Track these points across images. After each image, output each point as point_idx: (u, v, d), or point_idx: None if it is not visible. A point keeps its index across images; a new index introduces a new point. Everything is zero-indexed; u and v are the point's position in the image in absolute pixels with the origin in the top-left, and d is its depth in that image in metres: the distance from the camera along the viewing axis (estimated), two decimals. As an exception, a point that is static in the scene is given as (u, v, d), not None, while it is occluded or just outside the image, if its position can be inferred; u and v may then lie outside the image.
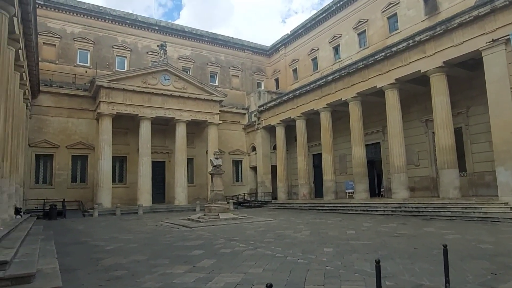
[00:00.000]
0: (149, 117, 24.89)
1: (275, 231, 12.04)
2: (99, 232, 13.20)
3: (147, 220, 17.95)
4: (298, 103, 24.66)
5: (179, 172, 25.51)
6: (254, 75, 33.88)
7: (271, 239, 10.08)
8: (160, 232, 12.89)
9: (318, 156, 25.96)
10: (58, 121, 24.60)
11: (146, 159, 24.52)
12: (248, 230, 12.43)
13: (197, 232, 12.43)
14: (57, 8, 26.10)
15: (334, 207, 20.22)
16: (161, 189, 27.44)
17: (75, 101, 25.12)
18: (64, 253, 8.60)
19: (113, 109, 23.85)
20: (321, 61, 28.73)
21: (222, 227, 13.72)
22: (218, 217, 15.40)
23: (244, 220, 15.41)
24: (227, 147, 30.44)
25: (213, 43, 32.03)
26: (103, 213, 21.57)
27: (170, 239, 10.74)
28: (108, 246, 9.65)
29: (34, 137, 23.63)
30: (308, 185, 24.77)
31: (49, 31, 25.58)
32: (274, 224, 14.28)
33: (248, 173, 31.11)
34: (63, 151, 24.49)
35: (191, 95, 26.45)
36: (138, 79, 24.94)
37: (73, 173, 25.01)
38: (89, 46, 26.89)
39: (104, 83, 23.53)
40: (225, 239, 10.44)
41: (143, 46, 29.02)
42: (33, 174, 23.66)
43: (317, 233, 11.11)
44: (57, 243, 10.43)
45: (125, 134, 26.31)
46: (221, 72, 32.18)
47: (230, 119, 30.79)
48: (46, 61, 25.27)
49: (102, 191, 22.90)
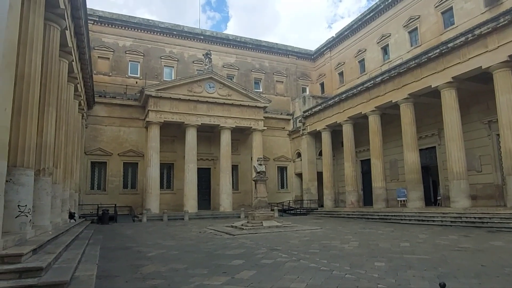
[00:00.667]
0: (195, 124, 25.29)
1: (321, 241, 11.39)
2: (144, 238, 13.38)
3: (192, 227, 18.03)
4: (345, 107, 23.71)
5: (224, 179, 25.57)
6: (298, 80, 33.35)
7: (316, 250, 9.48)
8: (203, 239, 12.76)
9: (366, 162, 24.73)
10: (111, 130, 25.82)
11: (192, 166, 24.86)
12: (292, 239, 11.89)
13: (239, 240, 12.12)
14: (110, 23, 27.57)
15: (385, 216, 19.00)
16: (206, 196, 27.69)
17: (126, 110, 26.24)
18: (108, 259, 8.68)
19: (161, 117, 24.53)
20: (369, 62, 27.51)
21: (265, 235, 13.31)
22: (261, 225, 15.02)
23: (288, 228, 14.86)
24: (272, 154, 30.09)
25: (257, 50, 32.03)
26: (151, 219, 22.11)
27: (211, 247, 10.52)
28: (150, 253, 9.63)
29: (89, 146, 24.98)
30: (356, 192, 23.62)
31: (103, 45, 27.06)
32: (319, 233, 13.59)
33: (293, 179, 30.47)
34: (115, 158, 25.62)
35: (235, 102, 26.52)
36: (184, 88, 25.49)
37: (125, 179, 26.06)
38: (139, 58, 28.05)
39: (152, 93, 24.32)
40: (267, 248, 10.01)
41: (189, 56, 29.74)
42: (88, 181, 24.97)
43: (367, 245, 10.30)
44: (104, 248, 10.67)
45: (172, 142, 26.97)
46: (265, 78, 32.04)
47: (274, 125, 30.46)
48: (101, 74, 26.71)
49: (150, 197, 23.54)
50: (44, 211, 9.51)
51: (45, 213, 9.55)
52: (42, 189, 9.51)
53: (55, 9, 10.22)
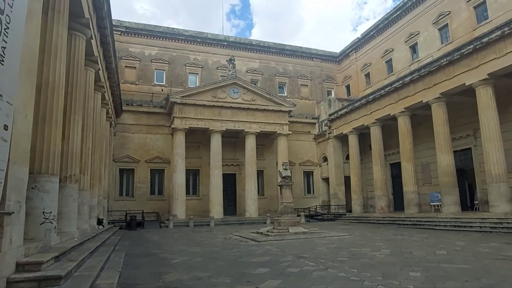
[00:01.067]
0: (219, 130, 25.28)
1: (350, 248, 10.89)
2: (170, 244, 13.33)
3: (218, 233, 17.88)
4: (372, 109, 22.98)
5: (249, 184, 25.36)
6: (323, 83, 32.77)
7: (344, 258, 9.02)
8: (228, 245, 12.54)
9: (396, 166, 23.81)
10: (138, 137, 26.26)
11: (217, 171, 24.82)
12: (319, 246, 11.45)
13: (265, 247, 11.80)
14: (137, 33, 28.20)
15: (417, 221, 18.11)
16: (232, 201, 27.56)
17: (152, 118, 26.64)
18: (132, 265, 8.61)
19: (186, 123, 24.70)
20: (397, 62, 26.61)
21: (291, 242, 12.92)
22: (287, 231, 14.64)
23: (315, 235, 14.39)
24: (297, 158, 29.63)
25: (280, 54, 31.80)
26: (177, 225, 22.18)
27: (236, 254, 10.27)
28: (175, 260, 9.50)
29: (118, 153, 25.49)
30: (386, 197, 22.75)
31: (130, 55, 27.69)
32: (348, 240, 13.05)
33: (320, 184, 29.83)
34: (142, 165, 26.01)
35: (260, 106, 26.34)
36: (209, 94, 25.59)
37: (152, 186, 26.39)
38: (165, 66, 28.48)
39: (177, 100, 24.56)
40: (294, 256, 9.64)
41: (213, 62, 29.91)
42: (117, 187, 25.45)
43: (400, 253, 9.72)
44: (129, 254, 10.65)
45: (197, 148, 27.10)
46: (290, 82, 31.71)
47: (300, 130, 30.02)
48: (128, 83, 27.31)
49: (176, 203, 23.66)
50: (71, 217, 9.60)
51: (72, 220, 9.64)
52: (69, 195, 9.61)
53: (80, 19, 10.42)
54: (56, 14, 7.98)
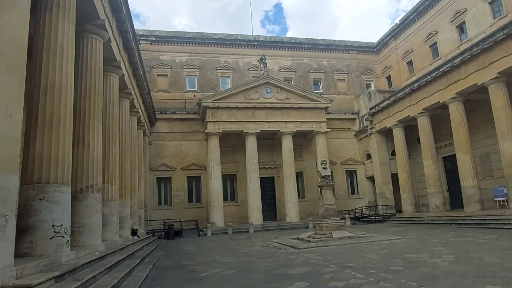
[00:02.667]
0: (254, 132, 24.36)
1: (404, 254, 9.38)
2: (204, 254, 12.50)
3: (256, 240, 16.87)
4: (418, 98, 20.94)
5: (288, 187, 24.13)
6: (361, 76, 30.83)
7: (399, 267, 7.61)
8: (264, 254, 11.45)
9: (450, 159, 21.51)
10: (173, 145, 26.01)
11: (254, 175, 23.86)
12: (367, 253, 10.03)
13: (305, 255, 10.58)
14: (167, 41, 28.17)
15: (481, 220, 15.94)
16: (271, 206, 26.45)
17: (186, 124, 26.30)
18: (156, 281, 7.80)
19: (219, 127, 24.05)
20: (442, 45, 24.20)
21: (335, 248, 11.57)
22: (330, 236, 13.28)
23: (363, 240, 12.91)
24: (338, 157, 27.94)
25: (313, 49, 30.37)
26: (216, 232, 21.45)
27: (273, 264, 9.16)
28: (204, 272, 8.59)
29: (154, 162, 25.36)
30: (440, 194, 20.52)
31: (161, 63, 27.67)
32: (401, 245, 11.46)
33: (365, 184, 27.88)
34: (179, 173, 25.68)
35: (294, 105, 25.10)
36: (241, 96, 24.80)
37: (189, 193, 25.97)
38: (196, 71, 28.15)
39: (209, 104, 24.00)
40: (338, 265, 8.36)
41: (244, 64, 29.17)
42: (155, 196, 25.29)
43: (467, 259, 8.11)
44: (157, 267, 9.92)
45: (233, 152, 26.36)
46: (325, 78, 30.14)
47: (339, 127, 28.34)
48: (161, 91, 27.26)
49: (214, 210, 22.98)
50: (94, 229, 9.00)
51: (95, 232, 9.04)
52: (91, 206, 9.04)
53: (95, 20, 9.92)
54: (61, 11, 7.40)
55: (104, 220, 11.28)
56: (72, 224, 8.78)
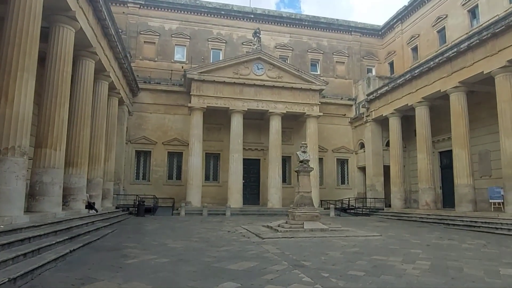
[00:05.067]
0: (241, 110, 22.81)
1: (374, 255, 8.03)
2: (158, 235, 11.22)
3: (228, 224, 15.60)
4: (418, 86, 19.27)
5: (272, 171, 22.75)
6: (363, 60, 28.95)
7: (359, 272, 6.27)
8: (222, 241, 10.15)
9: (447, 154, 20.03)
10: (156, 118, 24.53)
11: (237, 155, 22.46)
12: (333, 250, 8.70)
13: (264, 246, 9.26)
14: (156, 6, 26.30)
15: (472, 222, 14.55)
16: (255, 190, 25.17)
17: (171, 97, 24.74)
18: (72, 263, 6.52)
19: (204, 102, 22.51)
20: (451, 31, 22.26)
21: (301, 241, 10.23)
22: (302, 227, 11.95)
23: (336, 234, 11.57)
24: (330, 144, 26.45)
25: (314, 27, 28.43)
26: (190, 212, 20.22)
27: (220, 255, 7.85)
28: (134, 258, 7.30)
29: (134, 134, 23.94)
30: (432, 190, 19.10)
31: (149, 30, 25.89)
32: (376, 243, 10.11)
33: (356, 174, 26.47)
34: (159, 147, 24.31)
35: (287, 84, 23.44)
36: (230, 70, 23.14)
37: (170, 170, 24.67)
38: (185, 41, 26.41)
39: (194, 76, 22.40)
40: (290, 263, 7.02)
41: (238, 37, 27.35)
42: (133, 170, 24.00)
43: (443, 268, 6.75)
44: (91, 247, 8.66)
45: (218, 130, 24.91)
46: (324, 59, 28.31)
47: (333, 112, 26.75)
48: (147, 59, 25.60)
49: (191, 189, 21.68)
50: (12, 198, 7.66)
51: (14, 202, 7.70)
52: (10, 171, 7.69)
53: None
54: None
55: (43, 189, 10.12)
56: (-16, 190, 7.56)
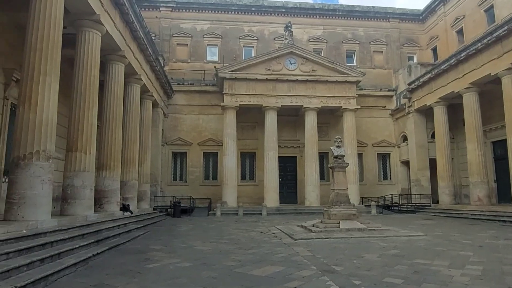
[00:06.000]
0: (274, 106, 22.27)
1: (416, 258, 7.18)
2: (189, 237, 11.03)
3: (262, 224, 15.18)
4: (465, 70, 17.63)
5: (309, 168, 21.97)
6: (402, 47, 27.21)
7: (397, 279, 5.54)
8: (252, 243, 9.71)
9: (501, 144, 18.15)
10: (191, 119, 24.68)
11: (272, 153, 21.95)
12: (370, 253, 7.94)
13: (295, 248, 8.69)
14: (187, 8, 26.47)
15: (534, 219, 12.97)
16: (292, 188, 24.50)
17: (205, 97, 24.77)
18: (93, 268, 6.38)
19: (236, 101, 22.24)
20: (500, 8, 20.12)
21: (336, 242, 9.52)
22: (337, 227, 11.20)
23: (375, 233, 10.70)
24: (370, 138, 25.14)
25: (348, 17, 27.17)
26: (226, 213, 20.05)
27: (247, 258, 7.42)
28: (156, 263, 7.06)
29: (170, 136, 24.25)
30: (485, 184, 17.38)
31: (181, 32, 26.12)
32: (420, 244, 9.16)
33: (398, 169, 24.95)
34: (195, 148, 24.42)
35: (321, 78, 22.54)
36: (262, 67, 22.67)
37: (206, 170, 24.72)
38: (217, 41, 26.33)
39: (226, 74, 22.20)
40: (320, 268, 6.40)
41: (269, 33, 26.81)
42: (170, 172, 24.29)
43: (498, 274, 5.82)
44: (117, 249, 8.56)
45: (253, 128, 24.57)
46: (360, 49, 26.97)
47: (372, 104, 25.40)
48: (180, 61, 25.83)
49: (227, 189, 21.50)
50: (38, 203, 7.70)
51: (40, 206, 7.74)
52: (35, 176, 7.72)
53: None
54: None
55: (74, 192, 10.26)
56: (11, 195, 7.65)
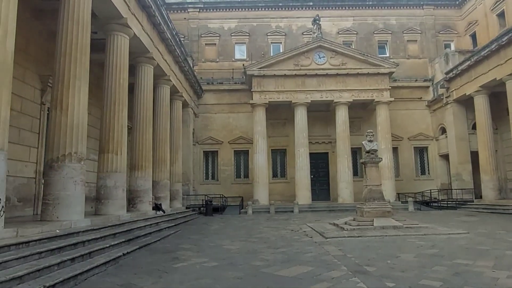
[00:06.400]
0: (304, 102, 21.91)
1: (456, 258, 6.70)
2: (219, 236, 11.04)
3: (293, 222, 14.97)
4: (507, 55, 16.38)
5: (341, 164, 21.41)
6: (438, 35, 25.79)
7: (436, 281, 5.17)
8: (281, 242, 9.53)
9: (553, 133, 16.76)
10: (221, 118, 24.83)
11: (303, 150, 21.59)
12: (405, 252, 7.51)
13: (326, 247, 8.40)
14: (215, 7, 26.58)
15: None
16: (325, 185, 23.98)
17: (234, 96, 24.82)
18: (123, 267, 6.48)
19: (265, 98, 22.09)
20: (549, -13, 18.64)
21: (368, 241, 9.13)
22: (371, 224, 10.75)
23: (412, 231, 10.15)
24: (406, 132, 24.10)
25: (379, 6, 26.11)
26: (258, 211, 19.98)
27: (275, 258, 7.27)
28: (183, 262, 7.08)
29: (201, 135, 24.54)
30: (535, 178, 16.14)
31: (209, 32, 26.27)
32: (461, 242, 8.58)
33: (437, 163, 23.73)
34: (226, 146, 24.55)
35: (351, 70, 21.88)
36: (290, 62, 22.35)
37: (237, 168, 24.80)
38: (245, 39, 26.24)
39: (254, 72, 22.08)
40: (351, 268, 6.11)
41: (297, 28, 26.36)
42: (202, 171, 24.58)
43: (551, 278, 5.27)
44: (148, 249, 8.67)
45: (283, 125, 24.33)
46: (393, 39, 25.87)
47: (407, 96, 24.33)
48: (209, 61, 25.98)
49: (258, 187, 21.42)
50: (71, 203, 7.94)
51: (73, 206, 7.98)
52: (68, 177, 7.97)
53: None
54: None
55: (107, 193, 10.53)
56: (46, 196, 7.96)
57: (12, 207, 10.11)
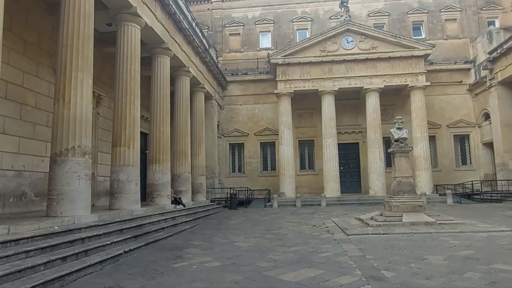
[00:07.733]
0: (331, 90, 20.83)
1: (494, 263, 5.70)
2: (235, 231, 10.55)
3: (319, 216, 14.19)
4: None
5: (372, 154, 20.19)
6: (481, 12, 23.48)
7: (464, 293, 4.29)
8: (297, 238, 8.86)
9: None
10: (246, 109, 24.29)
11: (331, 140, 20.58)
12: (434, 253, 6.58)
13: (345, 246, 7.61)
14: (238, -4, 25.94)
15: None
16: (355, 177, 22.83)
17: (259, 86, 24.13)
18: (121, 266, 6.10)
19: (290, 87, 21.23)
20: None
21: (395, 239, 8.21)
22: (399, 220, 9.76)
23: (446, 228, 9.07)
24: (444, 119, 22.32)
25: (413, -16, 24.30)
26: (284, 204, 19.35)
27: (283, 258, 6.62)
28: (188, 260, 6.64)
29: (227, 127, 24.17)
30: None
31: (233, 21, 25.69)
32: (502, 242, 7.47)
33: (480, 152, 21.78)
34: (252, 138, 24.01)
35: (382, 54, 20.45)
36: (316, 49, 21.29)
37: (263, 161, 24.24)
38: (269, 27, 25.39)
39: (278, 60, 21.26)
40: (365, 273, 5.34)
41: (324, 12, 25.11)
42: (228, 163, 24.25)
43: None
44: (155, 245, 8.32)
45: (310, 115, 23.41)
46: (429, 19, 23.92)
47: (445, 80, 22.49)
48: (233, 51, 25.47)
49: (284, 179, 20.73)
50: (76, 198, 7.70)
51: (78, 201, 7.73)
52: (72, 172, 7.72)
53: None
54: None
55: (120, 187, 10.34)
56: (51, 191, 7.74)
57: (29, 202, 10.18)
